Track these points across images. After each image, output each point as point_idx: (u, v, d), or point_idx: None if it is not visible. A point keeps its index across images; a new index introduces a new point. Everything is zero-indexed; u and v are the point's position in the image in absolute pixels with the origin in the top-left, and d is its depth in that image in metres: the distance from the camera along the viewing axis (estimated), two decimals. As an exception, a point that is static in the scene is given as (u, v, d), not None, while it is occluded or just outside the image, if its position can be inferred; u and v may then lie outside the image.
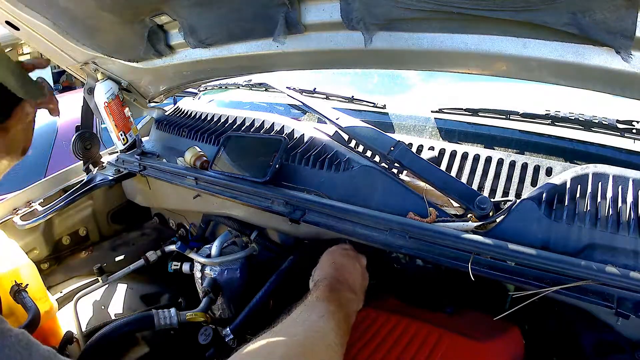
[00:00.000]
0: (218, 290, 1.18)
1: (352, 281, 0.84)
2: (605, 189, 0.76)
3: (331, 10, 0.83)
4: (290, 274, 1.08)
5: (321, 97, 1.42)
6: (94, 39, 1.28)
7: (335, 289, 0.78)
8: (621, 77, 0.65)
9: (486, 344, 0.76)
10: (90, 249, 1.64)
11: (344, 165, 1.02)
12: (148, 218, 1.81)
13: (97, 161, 1.66)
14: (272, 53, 1.01)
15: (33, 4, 1.14)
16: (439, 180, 0.87)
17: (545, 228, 0.75)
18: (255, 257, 1.25)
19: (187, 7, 0.99)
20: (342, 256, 0.89)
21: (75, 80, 8.52)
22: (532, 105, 1.08)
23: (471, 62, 0.79)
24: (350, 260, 0.88)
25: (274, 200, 1.01)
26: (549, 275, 0.69)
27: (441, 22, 0.74)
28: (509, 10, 0.65)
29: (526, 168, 0.92)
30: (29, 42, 1.40)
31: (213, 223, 1.44)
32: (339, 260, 0.88)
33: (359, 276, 0.86)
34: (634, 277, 0.63)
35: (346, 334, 0.71)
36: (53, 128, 3.31)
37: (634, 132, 0.95)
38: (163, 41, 1.16)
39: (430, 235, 0.79)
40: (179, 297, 1.39)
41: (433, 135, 1.14)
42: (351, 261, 0.88)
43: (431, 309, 0.89)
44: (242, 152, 1.20)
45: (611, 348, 0.78)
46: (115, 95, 1.53)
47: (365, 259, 0.91)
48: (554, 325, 0.88)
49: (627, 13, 0.56)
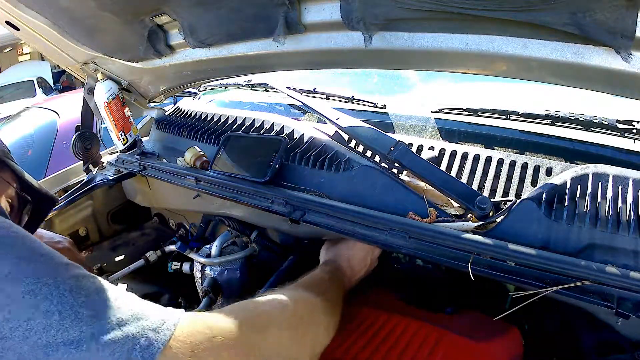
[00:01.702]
0: (218, 290, 1.18)
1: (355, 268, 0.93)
2: (605, 189, 0.76)
3: (331, 10, 0.83)
4: (290, 274, 1.08)
5: (321, 97, 1.42)
6: (94, 39, 1.28)
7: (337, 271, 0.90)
8: (621, 77, 0.65)
9: (486, 344, 0.76)
10: (90, 249, 1.64)
11: (344, 165, 1.02)
12: (148, 218, 1.81)
13: (97, 161, 1.66)
14: (272, 53, 1.01)
15: (33, 4, 1.14)
16: (439, 180, 0.86)
17: (545, 228, 0.75)
18: (255, 257, 1.25)
19: (187, 7, 0.99)
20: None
21: (75, 80, 8.53)
22: (532, 105, 1.08)
23: (471, 62, 0.79)
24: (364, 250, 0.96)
25: (273, 200, 1.01)
26: (549, 275, 0.69)
27: (441, 22, 0.75)
28: (509, 10, 0.65)
29: (526, 168, 0.92)
30: (29, 42, 1.40)
31: (213, 223, 1.44)
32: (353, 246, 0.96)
33: (362, 262, 0.95)
34: (634, 277, 0.63)
35: (338, 304, 0.80)
36: (53, 128, 3.31)
37: (634, 132, 0.95)
38: (163, 41, 1.16)
39: (430, 235, 0.79)
40: (179, 297, 1.40)
41: (433, 135, 1.14)
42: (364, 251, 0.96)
43: (431, 309, 0.89)
44: (242, 152, 1.20)
45: (611, 348, 0.78)
46: (115, 95, 1.53)
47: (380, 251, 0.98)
48: (554, 325, 0.88)
49: (627, 13, 0.56)
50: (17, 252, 0.50)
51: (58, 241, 1.23)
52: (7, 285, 0.46)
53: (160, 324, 0.49)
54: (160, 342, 0.47)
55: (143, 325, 0.48)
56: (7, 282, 0.46)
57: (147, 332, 0.48)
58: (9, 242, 0.51)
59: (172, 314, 0.52)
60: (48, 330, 0.44)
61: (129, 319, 0.48)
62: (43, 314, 0.45)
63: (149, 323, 0.49)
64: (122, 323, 0.47)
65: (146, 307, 0.52)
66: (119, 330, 0.46)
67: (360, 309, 0.88)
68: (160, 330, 0.48)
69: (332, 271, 0.89)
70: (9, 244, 0.51)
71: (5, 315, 0.44)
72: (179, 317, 0.51)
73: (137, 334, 0.47)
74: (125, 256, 1.61)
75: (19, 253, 0.50)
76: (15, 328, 0.44)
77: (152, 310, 0.51)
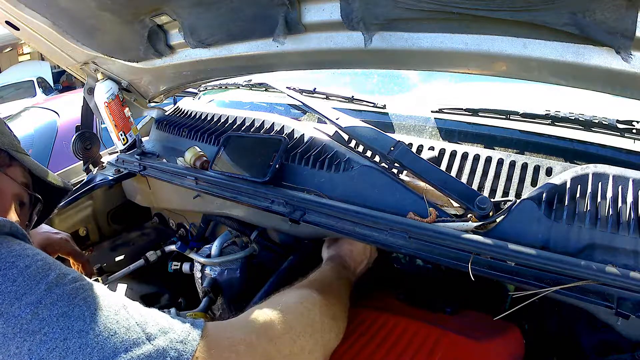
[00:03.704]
0: (218, 290, 1.18)
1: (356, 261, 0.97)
2: (605, 189, 0.76)
3: (331, 10, 0.83)
4: (290, 274, 1.08)
5: (321, 97, 1.42)
6: (94, 39, 1.28)
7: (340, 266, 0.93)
8: (621, 77, 0.65)
9: (486, 344, 0.76)
10: (90, 249, 1.63)
11: (344, 165, 1.02)
12: (148, 218, 1.81)
13: (97, 161, 1.66)
14: (272, 53, 1.01)
15: (33, 4, 1.14)
16: (439, 180, 0.86)
17: (545, 228, 0.75)
18: (255, 257, 1.25)
19: (187, 7, 0.99)
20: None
21: (75, 80, 8.53)
22: (532, 105, 1.08)
23: (471, 62, 0.79)
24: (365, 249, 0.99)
25: (273, 200, 1.01)
26: (549, 275, 0.69)
27: (441, 22, 0.74)
28: (508, 10, 0.65)
29: (526, 168, 0.92)
30: (29, 42, 1.40)
31: (213, 223, 1.44)
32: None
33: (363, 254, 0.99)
34: (634, 277, 0.63)
35: (346, 304, 0.83)
36: (53, 128, 3.31)
37: (634, 132, 0.95)
38: (163, 41, 1.16)
39: (430, 235, 0.79)
40: (179, 297, 1.39)
41: (433, 135, 1.14)
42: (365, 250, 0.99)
43: (431, 309, 0.89)
44: (242, 152, 1.20)
45: (611, 348, 0.78)
46: (115, 95, 1.53)
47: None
48: (554, 325, 0.88)
49: (627, 13, 0.56)
50: (47, 277, 0.52)
51: (57, 232, 1.22)
52: (41, 311, 0.48)
53: (186, 335, 0.52)
54: (189, 352, 0.50)
55: (171, 338, 0.51)
56: (41, 308, 0.48)
57: (175, 345, 0.51)
58: (37, 270, 0.53)
59: (196, 326, 0.54)
60: (84, 349, 0.46)
61: (157, 333, 0.51)
62: (77, 333, 0.47)
63: (176, 336, 0.52)
64: (152, 337, 0.50)
65: (170, 320, 0.54)
66: (149, 344, 0.49)
67: (360, 309, 0.88)
68: (187, 342, 0.51)
69: (338, 268, 0.91)
70: (37, 272, 0.52)
71: (42, 337, 0.46)
72: (201, 327, 0.54)
73: (167, 347, 0.50)
74: (125, 256, 1.61)
75: (49, 278, 0.52)
76: (52, 349, 0.46)
77: (176, 323, 0.54)
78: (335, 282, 0.85)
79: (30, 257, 0.54)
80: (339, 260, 0.94)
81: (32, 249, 0.57)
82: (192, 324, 0.55)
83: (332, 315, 0.75)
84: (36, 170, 0.83)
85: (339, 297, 0.81)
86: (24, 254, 0.54)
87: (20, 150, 0.80)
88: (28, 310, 0.48)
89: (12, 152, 0.77)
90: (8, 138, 0.79)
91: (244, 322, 0.64)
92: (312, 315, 0.71)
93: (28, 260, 0.54)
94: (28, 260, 0.54)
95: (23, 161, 0.79)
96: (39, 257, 0.55)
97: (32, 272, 0.52)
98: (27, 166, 0.80)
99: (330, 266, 0.92)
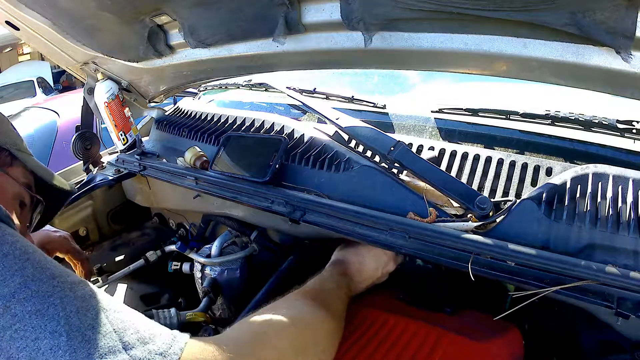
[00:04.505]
0: (218, 290, 1.18)
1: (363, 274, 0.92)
2: (605, 189, 0.76)
3: (331, 10, 0.83)
4: (290, 274, 1.08)
5: (321, 97, 1.42)
6: (94, 39, 1.28)
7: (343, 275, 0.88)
8: (621, 77, 0.65)
9: (486, 344, 0.76)
10: (90, 249, 1.63)
11: (344, 165, 1.02)
12: (148, 218, 1.81)
13: (97, 161, 1.66)
14: (272, 53, 1.01)
15: (33, 4, 1.14)
16: (439, 180, 0.86)
17: (545, 228, 0.75)
18: (255, 257, 1.25)
19: (187, 7, 0.99)
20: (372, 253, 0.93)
21: (75, 80, 8.52)
22: (532, 105, 1.08)
23: (471, 62, 0.79)
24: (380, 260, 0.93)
25: (274, 201, 1.01)
26: (549, 275, 0.69)
27: (441, 22, 0.74)
28: (508, 10, 0.65)
29: (526, 168, 0.92)
30: (29, 42, 1.40)
31: (213, 223, 1.44)
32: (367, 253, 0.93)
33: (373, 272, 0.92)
34: (634, 277, 0.63)
35: (342, 317, 0.79)
36: (53, 128, 3.31)
37: (634, 132, 0.95)
38: (163, 41, 1.16)
39: (430, 235, 0.79)
40: (179, 297, 1.39)
41: (433, 135, 1.14)
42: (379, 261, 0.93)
43: (431, 309, 0.89)
44: (242, 152, 1.20)
45: (611, 348, 0.78)
46: (115, 95, 1.53)
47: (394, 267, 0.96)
48: (554, 325, 0.88)
49: (627, 13, 0.56)
50: (23, 270, 0.49)
51: (56, 230, 1.22)
52: (13, 305, 0.46)
53: (167, 348, 0.49)
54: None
55: (150, 350, 0.48)
56: (13, 302, 0.46)
57: (154, 357, 0.48)
58: (14, 259, 0.50)
59: (179, 338, 0.52)
60: (55, 351, 0.44)
61: (135, 343, 0.48)
62: (50, 334, 0.45)
63: (155, 347, 0.49)
64: (129, 346, 0.47)
65: (153, 329, 0.52)
66: (124, 354, 0.47)
67: (360, 309, 0.88)
68: (167, 355, 0.49)
69: (338, 277, 0.87)
70: (14, 262, 0.50)
71: (12, 334, 0.44)
72: (185, 342, 0.52)
73: (144, 358, 0.47)
74: (125, 256, 1.61)
75: (25, 271, 0.49)
76: (23, 348, 0.44)
77: (159, 333, 0.51)
78: (333, 290, 0.82)
79: (9, 244, 0.51)
80: (342, 267, 0.90)
81: (14, 234, 0.54)
82: (175, 337, 0.52)
83: (324, 331, 0.72)
84: (40, 171, 0.82)
85: (334, 306, 0.77)
86: (3, 241, 0.51)
87: (24, 150, 0.79)
88: (0, 303, 0.46)
89: (14, 151, 0.76)
90: (11, 137, 0.78)
91: (231, 340, 0.60)
92: (304, 338, 0.68)
93: (6, 248, 0.51)
94: (6, 248, 0.51)
95: (25, 161, 0.78)
96: (18, 244, 0.52)
97: (8, 262, 0.49)
98: (30, 166, 0.79)
99: (330, 271, 0.88)
